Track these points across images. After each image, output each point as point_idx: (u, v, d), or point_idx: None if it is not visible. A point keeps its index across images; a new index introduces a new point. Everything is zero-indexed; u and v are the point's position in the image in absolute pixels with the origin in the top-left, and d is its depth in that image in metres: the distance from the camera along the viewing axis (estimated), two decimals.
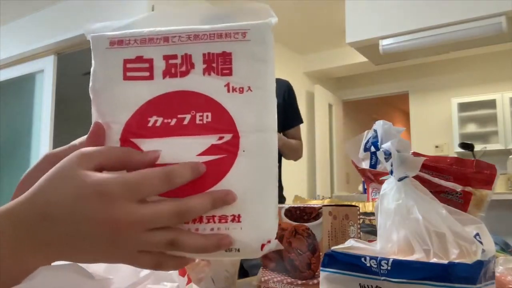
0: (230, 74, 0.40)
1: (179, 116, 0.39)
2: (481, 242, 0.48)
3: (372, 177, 0.87)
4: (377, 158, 0.91)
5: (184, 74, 0.40)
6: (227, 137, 0.39)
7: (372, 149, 0.92)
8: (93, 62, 0.41)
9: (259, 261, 0.78)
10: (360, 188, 3.14)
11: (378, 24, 3.04)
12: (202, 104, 0.39)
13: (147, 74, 0.40)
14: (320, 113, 5.11)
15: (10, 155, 4.02)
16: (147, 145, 0.39)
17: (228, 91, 0.40)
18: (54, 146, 3.47)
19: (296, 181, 4.76)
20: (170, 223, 0.36)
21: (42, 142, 3.79)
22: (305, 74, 5.30)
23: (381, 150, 0.56)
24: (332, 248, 0.54)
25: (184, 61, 0.40)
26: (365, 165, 0.94)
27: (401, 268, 0.46)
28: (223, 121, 0.39)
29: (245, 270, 1.29)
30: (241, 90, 0.40)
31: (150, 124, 0.39)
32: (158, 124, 0.39)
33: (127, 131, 0.39)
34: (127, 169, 0.37)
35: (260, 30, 0.41)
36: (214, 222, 0.37)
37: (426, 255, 0.48)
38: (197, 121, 0.39)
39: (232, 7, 0.42)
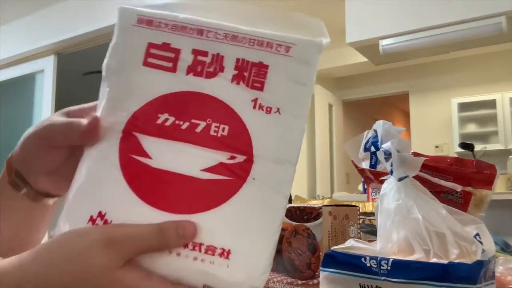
0: (261, 89, 0.36)
1: (193, 120, 0.35)
2: (481, 242, 0.48)
3: (372, 177, 0.87)
4: (377, 158, 0.91)
5: (210, 75, 0.36)
6: (240, 158, 0.34)
7: (372, 149, 0.92)
8: (114, 36, 0.38)
9: None
10: (360, 188, 3.14)
11: (378, 24, 3.04)
12: (221, 114, 0.35)
13: (170, 65, 0.36)
14: (320, 113, 5.11)
15: None
16: (150, 143, 0.35)
17: (254, 107, 0.35)
18: None
19: (296, 181, 4.75)
20: None
21: None
22: None
23: (381, 150, 0.56)
24: (332, 248, 0.54)
25: (214, 61, 0.36)
26: (365, 165, 0.94)
27: (401, 268, 0.46)
28: (239, 140, 0.35)
29: None
30: (269, 110, 0.35)
31: (159, 121, 0.35)
32: (168, 123, 0.35)
33: (132, 123, 0.35)
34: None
35: (307, 48, 0.37)
36: (200, 251, 0.33)
37: (426, 255, 0.48)
38: (211, 132, 0.35)
39: (282, 14, 0.38)
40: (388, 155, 0.54)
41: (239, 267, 0.33)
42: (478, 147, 4.00)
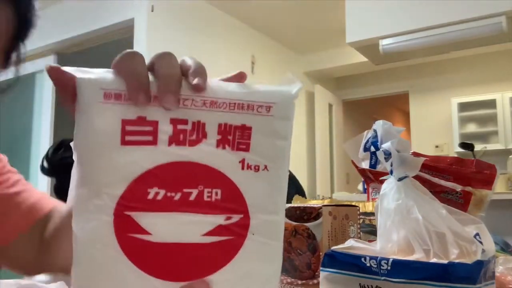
0: (247, 150, 0.36)
1: (184, 190, 0.35)
2: (481, 242, 0.48)
3: (372, 177, 0.87)
4: (377, 158, 0.91)
5: (194, 143, 0.35)
6: (236, 217, 0.36)
7: (372, 149, 0.92)
8: (81, 113, 0.34)
9: None
10: (360, 187, 3.14)
11: (378, 24, 3.04)
12: (211, 179, 0.35)
13: (150, 138, 0.34)
14: (320, 113, 5.11)
15: (10, 155, 4.01)
16: (146, 219, 0.34)
17: (243, 168, 0.36)
18: None
19: None
20: None
21: (42, 142, 3.79)
22: (305, 74, 5.30)
23: (381, 150, 0.56)
24: (332, 248, 0.54)
25: (195, 129, 0.35)
26: (365, 165, 0.94)
27: (401, 268, 0.46)
28: (233, 200, 0.36)
29: None
30: (257, 169, 0.36)
31: (150, 197, 0.34)
32: (159, 197, 0.34)
33: (122, 204, 0.34)
34: None
35: (286, 105, 0.37)
36: None
37: (426, 255, 0.48)
38: (205, 198, 0.35)
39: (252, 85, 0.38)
40: (388, 155, 0.54)
41: None
42: (478, 147, 4.01)
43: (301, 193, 2.01)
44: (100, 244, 0.34)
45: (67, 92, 0.34)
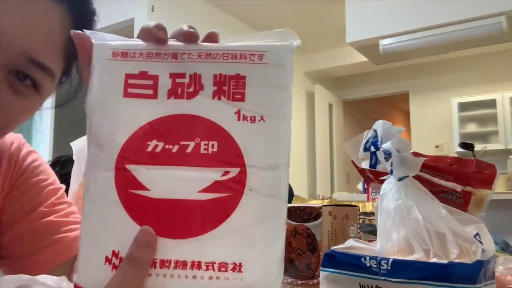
0: (242, 99, 0.36)
1: (182, 142, 0.35)
2: (481, 242, 0.48)
3: (372, 177, 0.87)
4: (377, 158, 0.91)
5: (191, 95, 0.36)
6: (233, 172, 0.35)
7: (372, 149, 0.92)
8: (92, 72, 0.37)
9: None
10: (359, 186, 3.14)
11: (378, 24, 3.04)
12: (208, 131, 0.36)
13: (150, 92, 0.37)
14: (320, 113, 5.11)
15: None
16: (145, 175, 0.35)
17: (239, 119, 0.36)
18: (54, 146, 3.47)
19: (296, 181, 4.76)
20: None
21: (42, 142, 3.79)
22: (305, 74, 5.30)
23: (381, 150, 0.56)
24: (332, 248, 0.54)
25: (192, 81, 0.37)
26: (365, 165, 0.94)
27: (401, 268, 0.46)
28: (230, 153, 0.35)
29: None
30: (253, 119, 0.36)
31: (149, 149, 0.35)
32: (158, 149, 0.35)
33: (123, 156, 0.35)
34: None
35: (279, 53, 0.37)
36: (214, 270, 0.34)
37: (426, 255, 0.48)
38: (202, 150, 0.35)
39: (251, 33, 0.39)
40: (388, 155, 0.54)
41: (253, 278, 0.34)
42: (478, 146, 4.01)
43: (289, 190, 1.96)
44: (105, 201, 0.35)
45: (86, 55, 0.38)
